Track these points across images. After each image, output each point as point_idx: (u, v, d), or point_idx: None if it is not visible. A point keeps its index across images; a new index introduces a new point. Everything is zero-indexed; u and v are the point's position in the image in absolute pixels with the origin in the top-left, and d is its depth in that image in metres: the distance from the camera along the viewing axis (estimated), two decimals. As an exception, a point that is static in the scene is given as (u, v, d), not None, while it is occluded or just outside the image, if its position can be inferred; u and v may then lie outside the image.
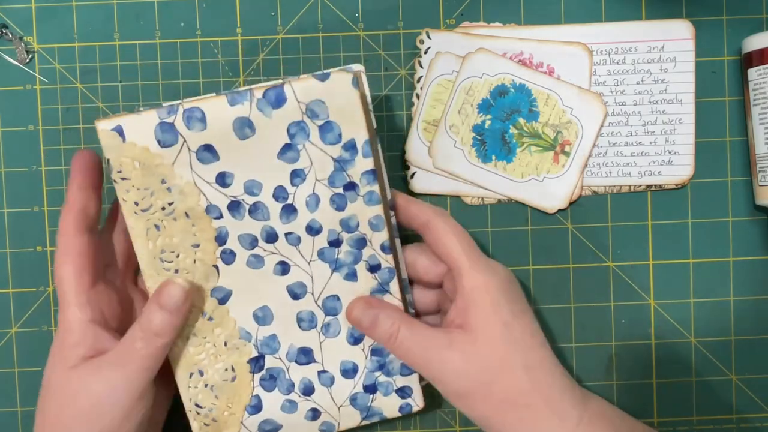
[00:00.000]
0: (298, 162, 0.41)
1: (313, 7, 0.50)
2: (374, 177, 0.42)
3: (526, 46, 0.49)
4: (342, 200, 0.42)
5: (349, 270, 0.43)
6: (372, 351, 0.45)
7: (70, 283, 0.41)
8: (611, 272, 0.50)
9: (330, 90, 0.40)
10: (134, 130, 0.40)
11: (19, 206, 0.50)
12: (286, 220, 0.42)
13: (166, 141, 0.40)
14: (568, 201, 0.49)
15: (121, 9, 0.50)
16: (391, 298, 0.44)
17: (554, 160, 0.49)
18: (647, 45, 0.49)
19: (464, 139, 0.49)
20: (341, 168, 0.41)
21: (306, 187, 0.42)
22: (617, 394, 0.50)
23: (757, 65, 0.47)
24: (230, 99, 0.40)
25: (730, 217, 0.50)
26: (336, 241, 0.43)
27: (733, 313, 0.50)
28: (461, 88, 0.49)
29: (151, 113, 0.40)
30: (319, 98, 0.40)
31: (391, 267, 0.44)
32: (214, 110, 0.40)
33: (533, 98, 0.49)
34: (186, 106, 0.40)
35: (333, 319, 0.44)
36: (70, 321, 0.41)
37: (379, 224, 0.43)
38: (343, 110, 0.40)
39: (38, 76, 0.50)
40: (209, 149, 0.41)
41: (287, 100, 0.40)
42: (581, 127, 0.49)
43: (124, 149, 0.40)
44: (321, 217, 0.42)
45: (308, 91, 0.40)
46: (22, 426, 0.50)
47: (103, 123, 0.40)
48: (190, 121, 0.40)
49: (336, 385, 0.45)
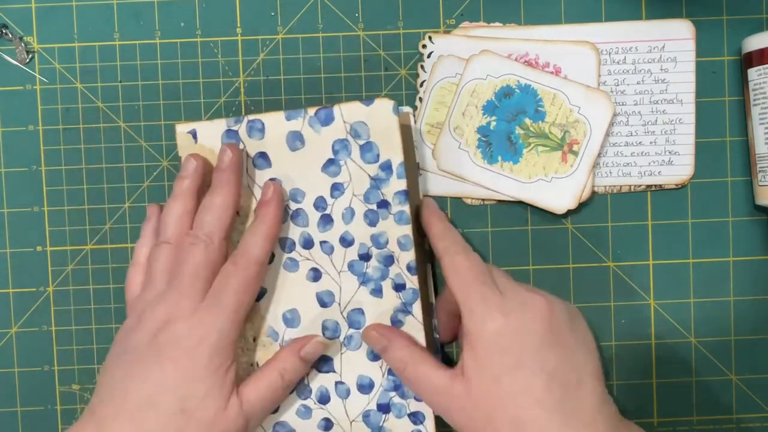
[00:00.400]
0: (339, 176, 0.45)
1: (313, 7, 0.50)
2: (406, 197, 0.45)
3: (532, 47, 0.49)
4: (374, 216, 0.45)
5: (375, 285, 0.45)
6: (389, 370, 0.46)
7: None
8: (611, 272, 0.50)
9: (373, 114, 0.44)
10: (205, 134, 0.45)
11: (19, 206, 0.50)
12: (323, 228, 0.46)
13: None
14: (578, 201, 0.49)
15: (121, 9, 0.50)
16: (413, 321, 0.45)
17: (562, 160, 0.49)
18: (648, 45, 0.49)
19: (469, 141, 0.49)
20: (376, 186, 0.45)
21: (343, 200, 0.45)
22: (617, 394, 0.50)
23: (757, 65, 0.47)
24: (287, 115, 0.45)
25: (730, 217, 0.50)
26: (366, 255, 0.45)
27: (733, 313, 0.50)
28: (465, 90, 0.49)
29: (221, 121, 0.45)
30: (362, 120, 0.44)
31: (415, 288, 0.45)
32: (272, 123, 0.45)
33: (539, 98, 0.49)
34: (249, 118, 0.45)
35: (355, 332, 0.46)
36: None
37: (407, 244, 0.45)
38: (382, 133, 0.44)
39: (38, 76, 0.50)
40: (264, 156, 0.45)
41: (335, 120, 0.45)
42: (589, 125, 0.49)
43: (194, 150, 0.45)
44: (354, 230, 0.45)
45: (354, 113, 0.44)
46: (22, 426, 0.50)
47: (181, 126, 0.46)
48: (251, 131, 0.45)
49: (351, 398, 0.46)
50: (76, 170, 0.50)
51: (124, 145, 0.50)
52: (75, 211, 0.50)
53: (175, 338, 0.41)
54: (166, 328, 0.41)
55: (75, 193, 0.50)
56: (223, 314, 0.42)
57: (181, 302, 0.42)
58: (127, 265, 0.50)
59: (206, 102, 0.50)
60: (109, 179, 0.50)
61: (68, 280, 0.50)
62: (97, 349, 0.50)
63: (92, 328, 0.50)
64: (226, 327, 0.42)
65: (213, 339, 0.41)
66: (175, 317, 0.41)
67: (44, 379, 0.50)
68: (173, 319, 0.41)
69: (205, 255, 0.42)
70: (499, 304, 0.41)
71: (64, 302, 0.50)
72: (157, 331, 0.41)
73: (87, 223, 0.50)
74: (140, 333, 0.42)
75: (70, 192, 0.50)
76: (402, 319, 0.45)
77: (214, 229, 0.43)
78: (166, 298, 0.42)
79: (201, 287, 0.42)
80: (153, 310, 0.42)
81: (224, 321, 0.42)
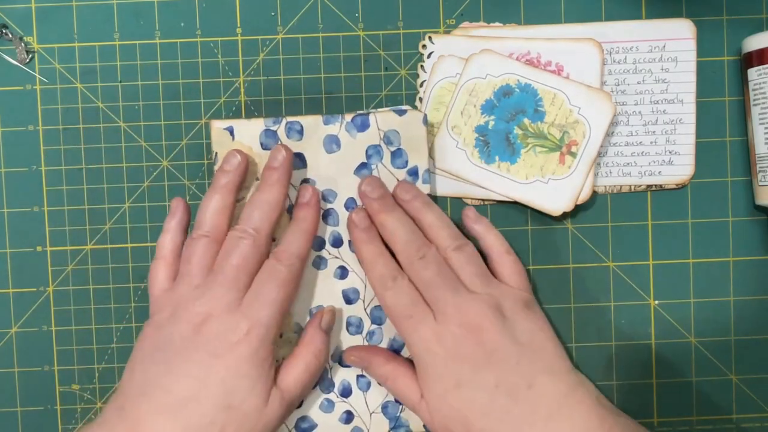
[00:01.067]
0: None
1: (313, 7, 0.50)
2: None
3: (533, 45, 0.49)
4: None
5: None
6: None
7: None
8: (611, 272, 0.50)
9: (405, 123, 0.47)
10: (243, 132, 0.47)
11: (19, 206, 0.50)
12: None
13: (268, 145, 0.47)
14: (574, 203, 0.49)
15: (121, 9, 0.50)
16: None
17: (560, 161, 0.49)
18: (648, 44, 0.49)
19: (467, 140, 0.49)
20: None
21: None
22: (617, 394, 0.50)
23: (757, 65, 0.47)
24: (325, 119, 0.47)
25: (730, 217, 0.50)
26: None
27: (733, 313, 0.50)
28: (464, 89, 0.49)
29: (259, 121, 0.47)
30: (395, 128, 0.47)
31: None
32: (310, 126, 0.47)
33: (539, 98, 0.49)
34: (289, 119, 0.47)
35: (378, 328, 0.48)
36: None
37: None
38: (412, 141, 0.47)
39: (38, 76, 0.50)
40: (300, 157, 0.47)
41: (370, 126, 0.47)
42: (589, 126, 0.48)
43: (231, 146, 0.47)
44: None
45: (388, 121, 0.47)
46: (22, 426, 0.50)
47: (218, 123, 0.47)
48: (290, 132, 0.47)
49: (371, 390, 0.48)
50: (76, 170, 0.50)
51: (124, 145, 0.50)
52: (75, 211, 0.50)
53: (219, 332, 0.41)
54: (208, 322, 0.41)
55: (75, 193, 0.50)
56: (267, 308, 0.42)
57: (225, 296, 0.42)
58: (127, 265, 0.50)
59: (206, 102, 0.50)
60: (109, 179, 0.50)
61: (68, 280, 0.50)
62: (97, 349, 0.50)
63: (92, 328, 0.50)
64: (270, 321, 0.42)
65: (258, 332, 0.41)
66: (218, 311, 0.42)
67: (44, 379, 0.50)
68: (217, 313, 0.42)
69: (254, 249, 0.43)
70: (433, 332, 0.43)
71: (64, 302, 0.50)
72: (198, 326, 0.41)
73: (87, 223, 0.50)
74: (179, 327, 0.42)
75: (70, 192, 0.50)
76: None
77: (262, 225, 0.44)
78: (208, 291, 0.42)
79: (245, 282, 0.43)
80: (193, 304, 0.42)
81: (268, 314, 0.42)
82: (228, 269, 0.43)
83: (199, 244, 0.44)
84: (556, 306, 0.50)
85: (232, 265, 0.43)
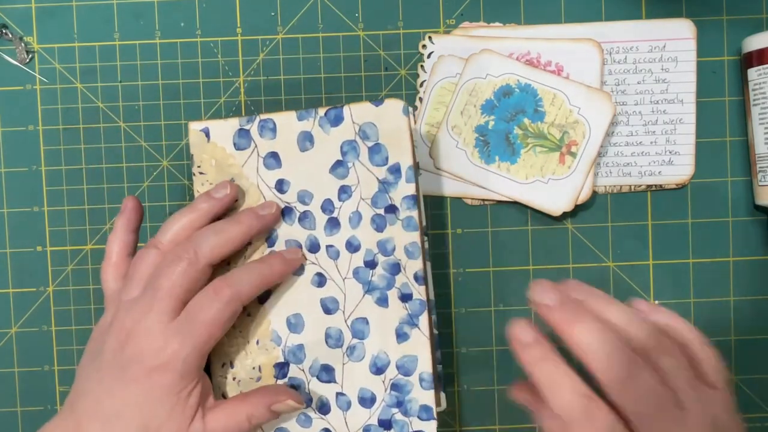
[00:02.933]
0: (347, 179, 0.44)
1: (313, 7, 0.50)
2: (414, 203, 0.43)
3: (533, 45, 0.49)
4: (382, 221, 0.44)
5: (381, 294, 0.44)
6: (392, 385, 0.44)
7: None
8: (611, 272, 0.50)
9: (382, 115, 0.43)
10: (217, 132, 0.45)
11: (19, 206, 0.50)
12: (329, 232, 0.44)
13: (241, 145, 0.45)
14: (574, 203, 0.49)
15: (121, 9, 0.50)
16: (419, 335, 0.43)
17: (560, 161, 0.49)
18: (648, 44, 0.49)
19: (467, 140, 0.49)
20: (384, 190, 0.44)
21: (351, 203, 0.44)
22: (617, 394, 0.50)
23: (757, 65, 0.47)
24: (298, 115, 0.44)
25: (730, 217, 0.50)
26: (371, 263, 0.44)
27: (733, 313, 0.50)
28: (464, 89, 0.49)
29: (234, 120, 0.45)
30: (371, 121, 0.43)
31: (422, 299, 0.43)
32: (284, 123, 0.44)
33: (539, 98, 0.49)
34: (262, 117, 0.44)
35: (359, 342, 0.44)
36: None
37: (415, 252, 0.43)
38: (391, 135, 0.43)
39: (38, 76, 0.50)
40: (274, 156, 0.45)
41: (344, 120, 0.44)
42: (588, 127, 0.48)
43: (206, 148, 0.45)
44: (361, 235, 0.44)
45: (363, 114, 0.43)
46: (22, 426, 0.50)
47: (194, 124, 0.45)
48: (263, 130, 0.44)
49: (352, 410, 0.44)
50: (76, 170, 0.50)
51: (124, 145, 0.50)
52: (75, 211, 0.50)
53: (138, 355, 0.39)
54: (130, 342, 0.40)
55: (75, 193, 0.50)
56: (190, 343, 0.40)
57: (149, 316, 0.40)
58: (127, 265, 0.50)
59: (206, 102, 0.50)
60: (109, 179, 0.50)
61: (68, 280, 0.50)
62: (97, 349, 0.50)
63: (92, 328, 0.50)
64: (191, 356, 0.40)
65: (176, 366, 0.39)
66: (139, 331, 0.40)
67: (44, 379, 0.50)
68: (138, 333, 0.40)
69: (185, 275, 0.40)
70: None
71: (64, 302, 0.50)
72: (123, 343, 0.40)
73: (87, 223, 0.50)
74: (110, 339, 0.41)
75: (70, 192, 0.50)
76: (408, 332, 0.43)
77: (207, 253, 0.41)
78: (136, 307, 0.40)
79: (173, 306, 0.40)
80: (123, 317, 0.41)
81: (190, 351, 0.40)
82: (155, 290, 0.40)
83: (149, 255, 0.42)
84: (556, 306, 0.50)
85: (159, 286, 0.40)
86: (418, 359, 0.43)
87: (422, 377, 0.43)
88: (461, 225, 0.50)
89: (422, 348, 0.43)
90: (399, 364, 0.43)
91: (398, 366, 0.43)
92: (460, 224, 0.50)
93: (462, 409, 0.51)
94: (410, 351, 0.43)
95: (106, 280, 0.44)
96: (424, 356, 0.43)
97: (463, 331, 0.50)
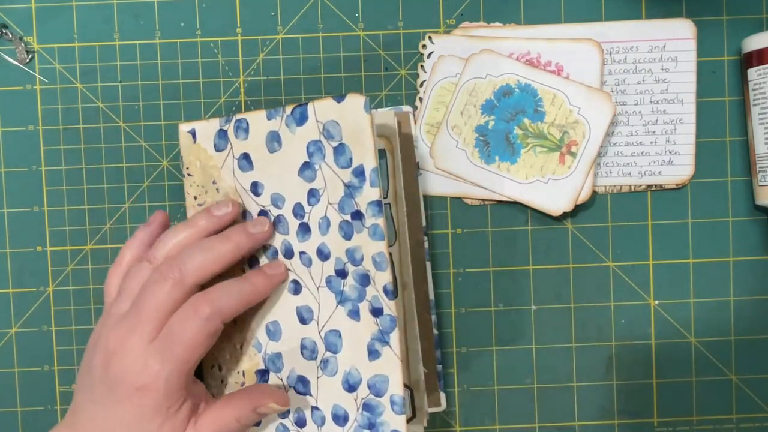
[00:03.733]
0: (315, 182, 0.41)
1: (313, 7, 0.50)
2: (380, 209, 0.39)
3: (533, 45, 0.49)
4: (349, 228, 0.41)
5: (353, 306, 0.41)
6: (364, 405, 0.41)
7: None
8: (611, 272, 0.50)
9: (344, 112, 0.39)
10: (202, 133, 0.44)
11: (19, 206, 0.50)
12: (301, 238, 0.42)
13: (220, 146, 0.44)
14: (574, 203, 0.49)
15: (121, 9, 0.50)
16: (390, 354, 0.40)
17: (560, 161, 0.49)
18: (648, 44, 0.49)
19: (467, 140, 0.49)
20: (350, 194, 0.40)
21: (319, 208, 0.41)
22: (617, 394, 0.50)
23: (757, 65, 0.47)
24: (268, 114, 0.42)
25: (730, 217, 0.50)
26: (342, 272, 0.41)
27: (733, 313, 0.50)
28: (464, 89, 0.49)
29: (215, 121, 0.44)
30: (334, 119, 0.40)
31: (393, 315, 0.40)
32: (255, 122, 0.42)
33: (539, 98, 0.49)
34: (237, 117, 0.43)
35: (332, 356, 0.42)
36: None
37: (382, 263, 0.40)
38: (354, 133, 0.39)
39: (38, 76, 0.50)
40: (247, 158, 0.43)
41: (308, 119, 0.41)
42: (588, 127, 0.48)
43: (192, 149, 0.45)
44: (330, 243, 0.41)
45: (326, 111, 0.40)
46: (22, 426, 0.50)
47: (184, 126, 0.45)
48: (237, 131, 0.43)
49: (326, 427, 0.42)
50: (76, 170, 0.50)
51: (124, 145, 0.50)
52: (75, 211, 0.50)
53: (122, 375, 0.39)
54: (114, 361, 0.39)
55: (75, 193, 0.50)
56: (170, 364, 0.39)
57: (131, 336, 0.39)
58: (127, 265, 0.50)
59: (206, 102, 0.50)
60: (109, 179, 0.50)
61: (68, 280, 0.50)
62: (97, 349, 0.50)
63: (92, 328, 0.50)
64: (173, 376, 0.39)
65: (158, 386, 0.39)
66: (123, 351, 0.39)
67: (44, 379, 0.50)
68: (121, 353, 0.39)
69: (169, 296, 0.40)
70: None
71: (64, 302, 0.50)
72: (107, 361, 0.40)
73: (87, 223, 0.50)
74: (96, 356, 0.40)
75: (70, 192, 0.50)
76: (379, 350, 0.40)
77: (193, 273, 0.40)
78: (122, 325, 0.40)
79: (155, 327, 0.40)
80: (109, 333, 0.40)
81: (171, 371, 0.39)
82: (140, 308, 0.40)
83: (141, 270, 0.42)
84: (556, 306, 0.50)
85: (144, 306, 0.40)
86: (389, 380, 0.40)
87: (393, 400, 0.40)
88: (461, 225, 0.50)
89: (394, 368, 0.40)
90: (370, 384, 0.41)
91: (369, 385, 0.41)
92: (460, 224, 0.50)
93: (462, 409, 0.51)
94: (381, 370, 0.40)
95: (110, 284, 0.44)
96: (395, 378, 0.40)
97: (463, 331, 0.50)
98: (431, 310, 0.48)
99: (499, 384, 0.50)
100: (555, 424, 0.50)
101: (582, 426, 0.50)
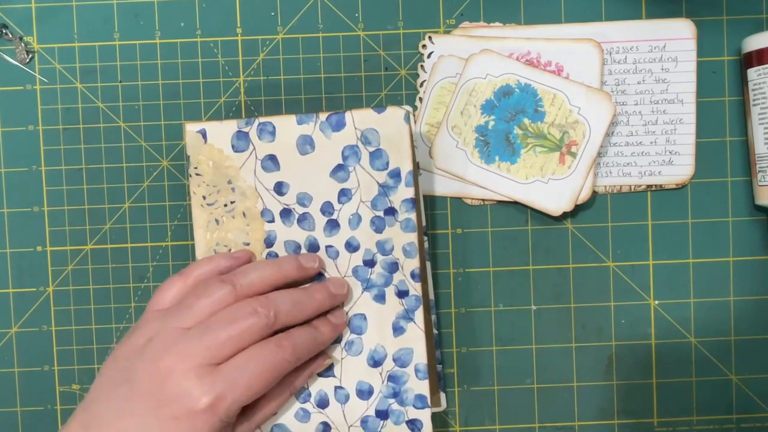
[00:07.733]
0: (347, 182, 0.45)
1: (313, 7, 0.50)
2: (413, 205, 0.45)
3: (533, 45, 0.49)
4: (381, 223, 0.45)
5: (378, 291, 0.45)
6: (389, 377, 0.45)
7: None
8: (611, 272, 0.50)
9: (384, 121, 0.45)
10: (215, 134, 0.46)
11: (19, 206, 0.50)
12: (329, 233, 0.46)
13: (239, 147, 0.45)
14: (574, 203, 0.49)
15: (121, 9, 0.50)
16: (415, 328, 0.45)
17: (560, 161, 0.49)
18: (649, 44, 0.49)
19: (467, 140, 0.49)
20: (384, 193, 0.45)
21: (351, 206, 0.45)
22: (617, 394, 0.50)
23: (757, 65, 0.47)
24: (298, 119, 0.45)
25: (730, 217, 0.50)
26: (371, 261, 0.45)
27: (733, 313, 0.50)
28: (464, 89, 0.49)
29: (232, 122, 0.45)
30: (373, 127, 0.45)
31: (418, 295, 0.45)
32: (283, 126, 0.45)
33: (539, 98, 0.49)
34: (261, 120, 0.45)
35: (357, 337, 0.46)
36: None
37: (412, 251, 0.45)
38: (392, 141, 0.45)
39: (38, 76, 0.50)
40: (273, 159, 0.46)
41: (346, 125, 0.45)
42: (588, 127, 0.48)
43: (203, 149, 0.45)
44: (360, 236, 0.45)
45: (365, 120, 0.45)
46: (22, 426, 0.50)
47: (191, 125, 0.46)
48: (262, 133, 0.45)
49: (350, 403, 0.46)
50: (76, 170, 0.50)
51: (124, 145, 0.50)
52: (75, 211, 0.50)
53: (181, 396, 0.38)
54: (172, 379, 0.38)
55: (75, 193, 0.50)
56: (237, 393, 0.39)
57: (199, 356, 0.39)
58: (127, 265, 0.50)
59: (206, 102, 0.50)
60: (109, 179, 0.50)
61: (68, 280, 0.50)
62: (97, 349, 0.50)
63: (92, 328, 0.50)
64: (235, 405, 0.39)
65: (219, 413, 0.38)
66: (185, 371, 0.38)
67: (44, 379, 0.50)
68: (183, 373, 0.38)
69: (255, 332, 0.40)
70: None
71: (64, 302, 0.50)
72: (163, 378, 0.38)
73: (87, 223, 0.50)
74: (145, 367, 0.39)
75: (70, 192, 0.50)
76: (404, 326, 0.45)
77: (283, 319, 0.41)
78: (187, 342, 0.39)
79: (228, 354, 0.39)
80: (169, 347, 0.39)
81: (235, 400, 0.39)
82: (217, 333, 0.39)
83: (220, 291, 0.41)
84: (556, 306, 0.50)
85: (225, 333, 0.39)
86: (414, 351, 0.45)
87: (418, 368, 0.45)
88: (461, 225, 0.50)
89: (418, 341, 0.45)
90: (395, 357, 0.45)
91: (395, 358, 0.45)
92: (460, 224, 0.50)
93: (462, 409, 0.51)
94: (406, 344, 0.45)
95: (168, 291, 0.42)
96: (419, 348, 0.45)
97: (463, 331, 0.50)
98: (431, 310, 0.48)
99: (499, 384, 0.50)
100: (555, 424, 0.50)
101: (582, 426, 0.50)
